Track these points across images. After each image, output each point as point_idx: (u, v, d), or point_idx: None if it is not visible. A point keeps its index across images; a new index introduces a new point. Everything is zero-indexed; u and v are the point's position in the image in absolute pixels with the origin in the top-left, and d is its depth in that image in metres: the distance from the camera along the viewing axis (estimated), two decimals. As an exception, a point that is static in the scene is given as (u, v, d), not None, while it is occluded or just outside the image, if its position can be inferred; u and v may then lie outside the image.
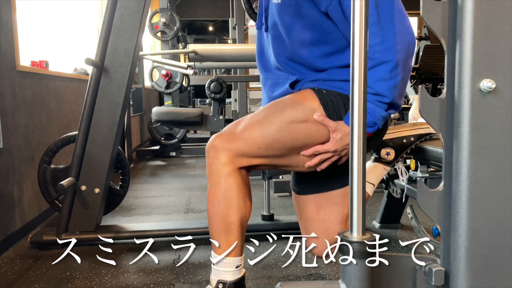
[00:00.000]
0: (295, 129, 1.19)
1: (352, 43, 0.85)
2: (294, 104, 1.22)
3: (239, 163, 1.18)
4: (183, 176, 4.34)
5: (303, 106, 1.21)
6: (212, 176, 1.18)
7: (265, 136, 1.18)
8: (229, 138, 1.18)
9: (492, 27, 0.79)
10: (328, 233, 1.35)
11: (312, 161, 1.22)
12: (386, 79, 1.14)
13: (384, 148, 1.54)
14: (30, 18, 3.31)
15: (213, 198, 1.18)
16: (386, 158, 1.54)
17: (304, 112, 1.20)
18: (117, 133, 2.32)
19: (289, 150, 1.21)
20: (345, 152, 1.22)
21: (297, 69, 1.28)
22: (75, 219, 2.26)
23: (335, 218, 1.36)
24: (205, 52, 4.18)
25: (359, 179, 0.86)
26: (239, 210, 1.17)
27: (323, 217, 1.37)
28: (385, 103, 1.17)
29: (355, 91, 0.85)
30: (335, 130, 1.19)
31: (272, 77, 1.33)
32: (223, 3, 8.37)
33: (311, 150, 1.20)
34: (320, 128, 1.20)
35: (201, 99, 11.34)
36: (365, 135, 0.86)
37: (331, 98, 1.22)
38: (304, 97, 1.23)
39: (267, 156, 1.21)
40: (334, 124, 1.19)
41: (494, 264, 0.83)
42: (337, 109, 1.21)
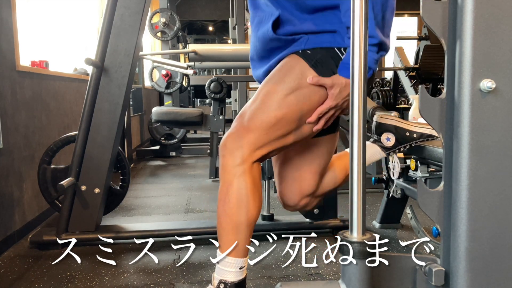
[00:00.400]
0: (292, 100, 1.19)
1: (352, 43, 0.85)
2: (283, 76, 1.21)
3: (254, 157, 1.18)
4: (183, 176, 4.34)
5: (292, 74, 1.21)
6: (225, 175, 1.18)
7: (269, 120, 1.18)
8: (239, 134, 1.19)
9: (492, 27, 0.79)
10: (300, 181, 1.38)
11: (319, 124, 1.23)
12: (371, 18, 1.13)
13: (386, 132, 1.53)
14: (30, 18, 3.31)
15: (224, 196, 1.18)
16: (385, 143, 1.53)
17: (295, 80, 1.20)
18: (117, 133, 2.32)
19: (295, 123, 1.21)
20: (346, 104, 1.22)
21: (281, 4, 1.24)
22: (75, 219, 2.26)
23: (308, 166, 1.38)
24: (205, 52, 4.18)
25: (359, 179, 0.86)
26: (249, 210, 1.17)
27: (297, 164, 1.38)
28: (374, 44, 1.16)
29: (355, 90, 0.85)
30: (332, 86, 1.18)
31: (259, 14, 1.31)
32: (223, 3, 8.37)
33: (315, 115, 1.21)
34: (315, 89, 1.19)
35: (201, 99, 11.34)
36: (365, 134, 0.86)
37: (319, 57, 1.21)
38: (291, 66, 1.23)
39: (278, 138, 1.20)
40: (330, 80, 1.18)
41: (494, 264, 0.83)
42: (328, 65, 1.21)
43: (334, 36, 1.22)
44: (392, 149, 1.55)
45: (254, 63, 1.38)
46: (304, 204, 1.42)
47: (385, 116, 1.56)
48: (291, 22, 1.24)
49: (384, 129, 1.54)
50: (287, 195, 1.42)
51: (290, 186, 1.41)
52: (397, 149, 1.56)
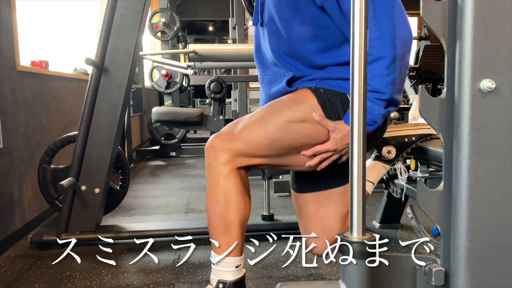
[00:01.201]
0: (293, 129, 1.19)
1: (352, 43, 0.85)
2: (292, 104, 1.21)
3: (238, 163, 1.18)
4: (183, 176, 4.34)
5: (301, 105, 1.20)
6: (211, 176, 1.18)
7: (263, 136, 1.18)
8: (227, 138, 1.18)
9: (492, 27, 0.79)
10: (327, 232, 1.35)
11: (312, 160, 1.22)
12: (384, 75, 1.13)
13: (385, 146, 1.54)
14: (30, 18, 3.31)
15: (212, 197, 1.17)
16: (387, 157, 1.54)
17: (302, 111, 1.20)
18: (117, 133, 2.32)
19: (288, 150, 1.21)
20: (345, 151, 1.21)
21: (293, 65, 1.27)
22: (75, 219, 2.26)
23: (334, 216, 1.36)
24: (205, 52, 4.18)
25: (359, 179, 0.86)
26: (239, 209, 1.17)
27: (322, 215, 1.37)
28: (383, 100, 1.16)
29: (355, 90, 0.85)
30: (334, 130, 1.18)
31: (270, 73, 1.33)
32: (223, 3, 8.37)
33: (312, 150, 1.20)
34: (318, 127, 1.19)
35: (201, 99, 11.34)
36: (365, 134, 0.86)
37: (329, 97, 1.21)
38: (302, 97, 1.23)
39: (266, 156, 1.21)
40: (333, 124, 1.18)
41: (494, 264, 0.83)
42: (335, 108, 1.21)
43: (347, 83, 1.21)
44: (395, 159, 1.55)
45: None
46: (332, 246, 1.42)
47: None
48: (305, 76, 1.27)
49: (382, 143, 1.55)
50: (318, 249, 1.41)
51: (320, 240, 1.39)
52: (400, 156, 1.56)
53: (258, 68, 1.38)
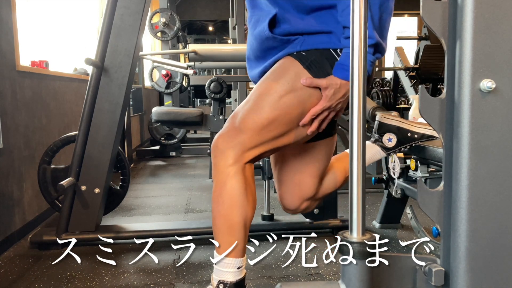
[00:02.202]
0: (286, 102, 1.18)
1: (352, 44, 0.85)
2: (277, 78, 1.21)
3: (245, 158, 1.17)
4: (183, 176, 4.34)
5: (287, 76, 1.20)
6: (218, 176, 1.18)
7: (261, 121, 1.17)
8: (230, 134, 1.18)
9: (492, 27, 0.79)
10: (300, 185, 1.38)
11: (312, 126, 1.22)
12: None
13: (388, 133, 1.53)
14: (30, 18, 3.31)
15: (218, 197, 1.17)
16: (386, 144, 1.53)
17: (289, 82, 1.19)
18: (117, 133, 2.32)
19: (288, 125, 1.20)
20: (340, 106, 1.21)
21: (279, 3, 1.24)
22: (75, 219, 2.26)
23: (308, 170, 1.37)
24: (205, 52, 4.18)
25: (359, 179, 0.86)
26: (243, 210, 1.17)
27: (297, 168, 1.38)
28: (370, 45, 1.15)
29: (355, 90, 0.85)
30: (327, 87, 1.17)
31: (257, 13, 1.30)
32: (223, 3, 8.37)
33: (308, 116, 1.20)
34: (309, 91, 1.19)
35: (201, 99, 11.34)
36: (365, 134, 0.86)
37: (314, 58, 1.20)
38: (285, 68, 1.22)
39: (271, 139, 1.20)
40: (325, 81, 1.17)
41: (494, 264, 0.83)
42: (323, 66, 1.20)
43: (330, 37, 1.21)
44: (393, 149, 1.54)
45: (250, 62, 1.38)
46: (304, 207, 1.42)
47: (387, 116, 1.56)
48: (288, 21, 1.24)
49: (386, 129, 1.54)
50: (287, 199, 1.42)
51: (290, 190, 1.40)
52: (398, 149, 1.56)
53: (248, 9, 1.35)
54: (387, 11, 1.19)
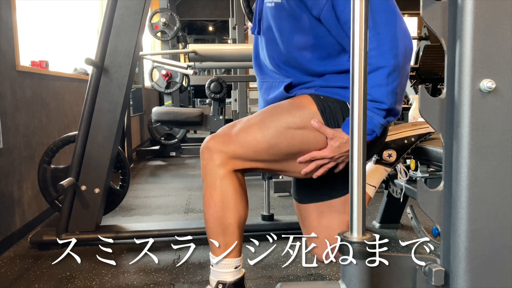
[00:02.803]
0: (291, 135, 1.18)
1: (352, 49, 0.84)
2: (292, 109, 1.21)
3: (234, 166, 1.17)
4: (183, 176, 4.34)
5: (301, 112, 1.20)
6: (207, 178, 1.18)
7: (261, 141, 1.17)
8: (224, 140, 1.17)
9: (492, 27, 0.79)
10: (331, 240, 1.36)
11: (308, 167, 1.21)
12: (383, 84, 1.12)
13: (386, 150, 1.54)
14: (30, 18, 3.31)
15: (209, 200, 1.17)
16: (388, 160, 1.54)
17: (301, 118, 1.19)
18: (117, 133, 2.32)
19: (285, 156, 1.20)
20: (342, 159, 1.20)
21: (291, 73, 1.26)
22: (75, 219, 2.26)
23: (337, 225, 1.35)
24: (205, 52, 4.18)
25: (359, 179, 0.86)
26: (236, 212, 1.17)
27: (325, 225, 1.36)
28: (383, 109, 1.15)
29: (355, 97, 0.85)
30: (332, 138, 1.17)
31: (268, 80, 1.32)
32: (223, 3, 8.36)
33: (308, 156, 1.19)
34: (317, 134, 1.19)
35: (201, 99, 11.34)
36: (365, 135, 0.86)
37: (329, 104, 1.21)
38: (301, 103, 1.22)
39: (263, 161, 1.20)
40: (332, 132, 1.17)
41: (494, 264, 0.83)
42: (335, 115, 1.20)
43: (346, 91, 1.21)
44: (396, 162, 1.55)
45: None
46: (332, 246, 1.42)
47: None
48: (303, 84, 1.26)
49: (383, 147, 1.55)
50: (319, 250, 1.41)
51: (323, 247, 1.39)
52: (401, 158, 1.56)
53: (257, 75, 1.37)
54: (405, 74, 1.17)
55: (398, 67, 1.12)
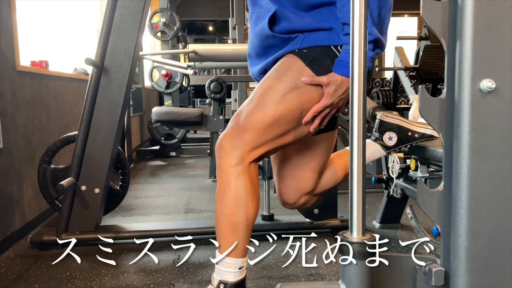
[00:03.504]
0: (289, 100, 1.19)
1: (352, 41, 0.85)
2: (280, 76, 1.21)
3: (250, 158, 1.17)
4: (183, 176, 4.34)
5: (289, 73, 1.20)
6: (222, 176, 1.18)
7: (266, 120, 1.17)
8: (235, 134, 1.18)
9: (492, 27, 0.79)
10: (299, 179, 1.39)
11: (314, 123, 1.22)
12: None
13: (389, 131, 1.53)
14: (30, 18, 3.31)
15: (222, 197, 1.17)
16: (386, 142, 1.54)
17: (291, 79, 1.19)
18: (117, 133, 2.32)
19: (291, 123, 1.20)
20: (342, 102, 1.21)
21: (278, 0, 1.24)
22: (75, 219, 2.26)
23: (307, 164, 1.38)
24: (205, 52, 4.18)
25: (359, 179, 0.86)
26: (247, 210, 1.17)
27: (296, 162, 1.39)
28: (369, 41, 1.14)
29: (355, 89, 0.85)
30: (328, 83, 1.18)
31: (257, 10, 1.31)
32: (223, 3, 8.37)
33: (310, 113, 1.20)
34: (312, 88, 1.19)
35: (201, 99, 11.34)
36: (365, 134, 0.86)
37: (315, 56, 1.21)
38: (287, 66, 1.22)
39: (275, 138, 1.20)
40: (325, 78, 1.18)
41: (494, 264, 0.83)
42: (324, 63, 1.20)
43: (330, 34, 1.22)
44: (393, 148, 1.55)
45: (251, 59, 1.38)
46: (303, 202, 1.43)
47: (388, 114, 1.56)
48: (287, 19, 1.24)
49: (387, 127, 1.54)
50: (286, 194, 1.42)
51: (289, 184, 1.41)
52: (398, 148, 1.56)
53: (249, 5, 1.36)
54: (386, 6, 1.19)
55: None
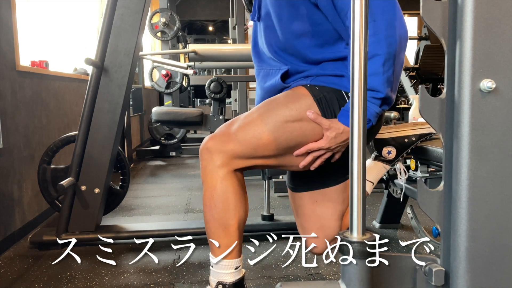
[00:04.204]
0: (289, 128, 1.18)
1: (352, 43, 0.84)
2: (288, 102, 1.21)
3: (234, 165, 1.17)
4: (183, 176, 4.34)
5: (297, 104, 1.20)
6: (207, 179, 1.17)
7: (259, 137, 1.17)
8: (223, 139, 1.17)
9: (492, 27, 0.79)
10: (325, 230, 1.36)
11: (305, 159, 1.21)
12: (379, 73, 1.12)
13: (386, 146, 1.54)
14: (30, 18, 3.31)
15: (210, 201, 1.17)
16: (387, 157, 1.54)
17: (298, 110, 1.19)
18: (117, 133, 2.32)
19: (284, 150, 1.20)
20: (338, 149, 1.21)
21: (288, 60, 1.26)
22: (75, 219, 2.26)
23: (331, 214, 1.36)
24: (205, 52, 4.18)
25: (359, 179, 0.86)
26: (237, 212, 1.17)
27: (319, 214, 1.37)
28: (378, 98, 1.15)
29: (355, 90, 0.85)
30: (328, 128, 1.17)
31: (265, 67, 1.32)
32: (223, 3, 8.37)
33: (304, 148, 1.19)
34: (314, 126, 1.19)
35: (201, 99, 11.34)
36: (365, 134, 0.86)
37: (325, 95, 1.21)
38: (297, 95, 1.22)
39: (262, 157, 1.20)
40: (328, 122, 1.18)
41: (494, 264, 0.83)
42: (331, 105, 1.20)
43: (342, 80, 1.22)
44: (395, 159, 1.55)
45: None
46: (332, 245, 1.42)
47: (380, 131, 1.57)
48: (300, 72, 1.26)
49: (382, 144, 1.55)
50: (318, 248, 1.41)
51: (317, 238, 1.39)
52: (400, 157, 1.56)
53: (255, 62, 1.37)
54: (400, 63, 1.17)
55: (393, 55, 1.12)
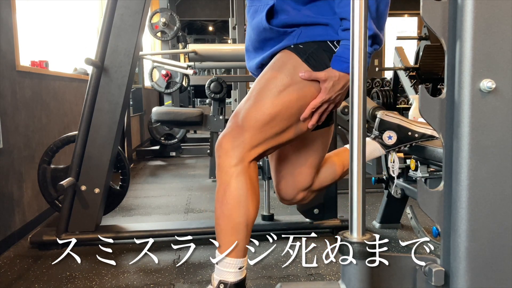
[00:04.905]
0: (286, 96, 1.18)
1: (352, 42, 0.85)
2: (276, 72, 1.20)
3: (250, 157, 1.17)
4: (183, 176, 4.34)
5: (285, 70, 1.19)
6: (222, 176, 1.18)
7: (262, 118, 1.17)
8: (234, 133, 1.17)
9: (492, 27, 0.79)
10: (295, 176, 1.39)
11: (312, 119, 1.21)
12: None
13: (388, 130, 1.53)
14: (30, 18, 3.31)
15: (222, 197, 1.17)
16: (386, 141, 1.53)
17: (288, 75, 1.19)
18: (117, 133, 2.32)
19: (289, 120, 1.20)
20: (339, 98, 1.21)
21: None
22: (75, 219, 2.26)
23: (304, 160, 1.38)
24: (205, 52, 4.18)
25: (359, 179, 0.86)
26: (247, 210, 1.17)
27: (294, 159, 1.38)
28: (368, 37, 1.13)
29: (355, 88, 0.85)
30: (325, 79, 1.17)
31: (256, 4, 1.30)
32: (223, 3, 8.37)
33: (308, 109, 1.19)
34: (309, 84, 1.18)
35: (201, 99, 11.35)
36: (365, 134, 0.86)
37: (312, 51, 1.20)
38: (283, 62, 1.22)
39: (273, 136, 1.19)
40: (323, 74, 1.17)
41: (494, 264, 0.83)
42: (321, 59, 1.19)
43: (327, 29, 1.21)
44: (392, 147, 1.55)
45: (249, 53, 1.38)
46: (301, 197, 1.43)
47: (389, 114, 1.56)
48: (285, 12, 1.23)
49: (387, 126, 1.54)
50: (284, 190, 1.42)
51: (287, 180, 1.41)
52: (398, 147, 1.56)
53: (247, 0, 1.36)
54: (384, 1, 1.18)
55: None
